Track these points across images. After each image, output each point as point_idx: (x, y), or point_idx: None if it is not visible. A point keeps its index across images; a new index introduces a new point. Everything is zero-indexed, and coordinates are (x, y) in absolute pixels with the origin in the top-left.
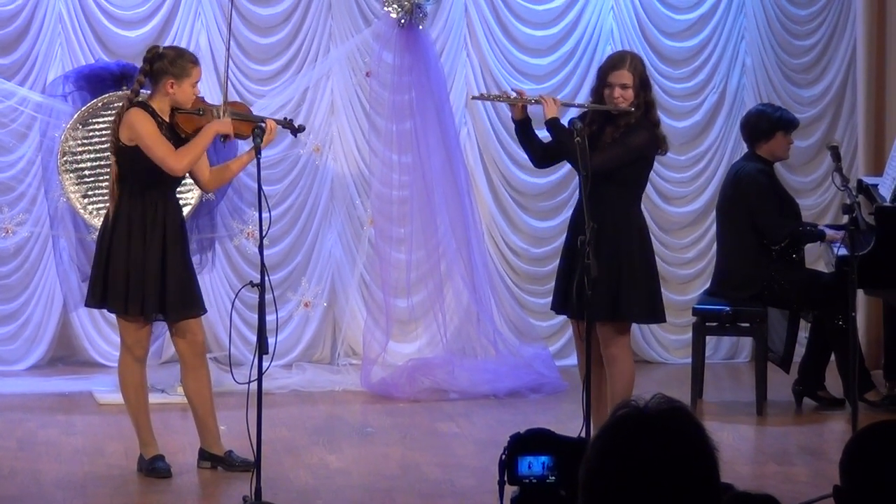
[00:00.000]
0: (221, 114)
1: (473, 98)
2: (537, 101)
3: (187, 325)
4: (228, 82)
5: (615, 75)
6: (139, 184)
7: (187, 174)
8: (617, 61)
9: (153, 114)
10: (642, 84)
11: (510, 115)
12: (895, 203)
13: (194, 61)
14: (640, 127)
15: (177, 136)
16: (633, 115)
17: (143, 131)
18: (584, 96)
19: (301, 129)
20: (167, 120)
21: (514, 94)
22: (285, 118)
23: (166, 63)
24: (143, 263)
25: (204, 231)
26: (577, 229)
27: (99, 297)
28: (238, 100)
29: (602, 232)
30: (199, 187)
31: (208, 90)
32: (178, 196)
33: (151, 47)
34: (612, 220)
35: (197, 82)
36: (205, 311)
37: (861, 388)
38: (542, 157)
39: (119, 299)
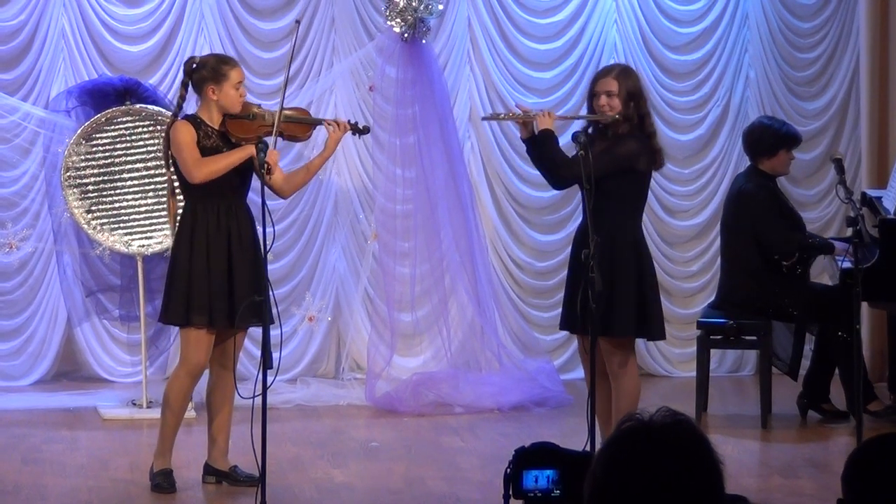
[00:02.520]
0: (276, 118)
1: (484, 118)
2: (534, 117)
3: (233, 338)
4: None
5: (601, 83)
6: (200, 193)
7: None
8: (604, 70)
9: (202, 124)
10: (630, 94)
11: (518, 133)
12: None
13: (231, 63)
14: (628, 137)
15: (229, 143)
16: (620, 124)
17: (176, 139)
18: (586, 110)
19: (366, 130)
20: (217, 128)
21: (519, 112)
22: (349, 120)
23: (204, 72)
24: (208, 271)
25: None
26: (577, 244)
27: (164, 312)
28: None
29: (602, 248)
30: (275, 193)
31: None
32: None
33: (189, 59)
34: (608, 235)
35: (240, 83)
36: (272, 321)
37: (864, 399)
38: (559, 176)
39: (180, 310)
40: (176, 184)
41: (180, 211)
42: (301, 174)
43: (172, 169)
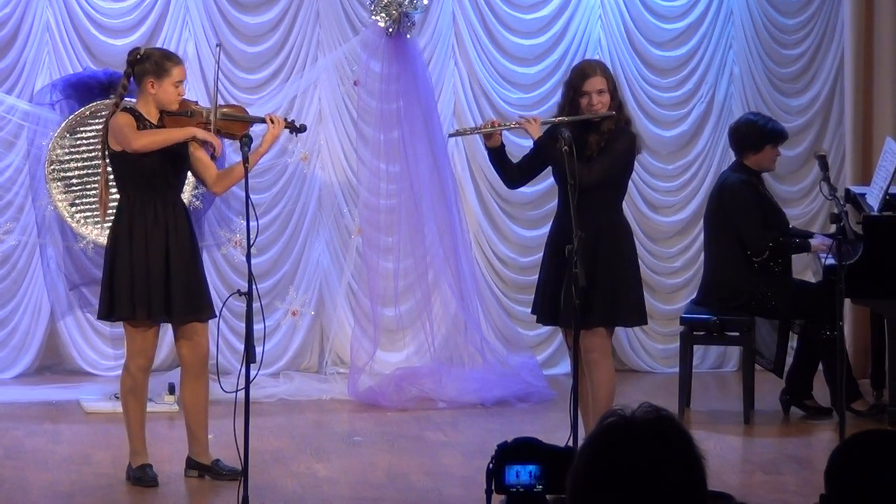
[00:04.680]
0: (213, 116)
1: (450, 135)
2: (517, 125)
3: (193, 330)
4: (217, 91)
5: (590, 83)
6: (137, 188)
7: (191, 175)
8: (587, 70)
9: (140, 117)
10: (614, 86)
11: (483, 144)
12: (883, 213)
13: (175, 61)
14: (620, 131)
15: None
16: (615, 118)
17: (116, 123)
18: (557, 109)
19: (302, 128)
20: (155, 123)
21: (489, 125)
22: (286, 118)
23: (147, 64)
24: (147, 266)
25: None
26: (559, 239)
27: (107, 308)
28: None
29: (588, 239)
30: (207, 189)
31: (197, 98)
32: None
33: (133, 50)
34: (598, 226)
35: (180, 82)
36: (213, 315)
37: (848, 397)
38: (517, 178)
39: (125, 304)
40: (111, 177)
41: (113, 205)
42: (236, 171)
43: (108, 161)
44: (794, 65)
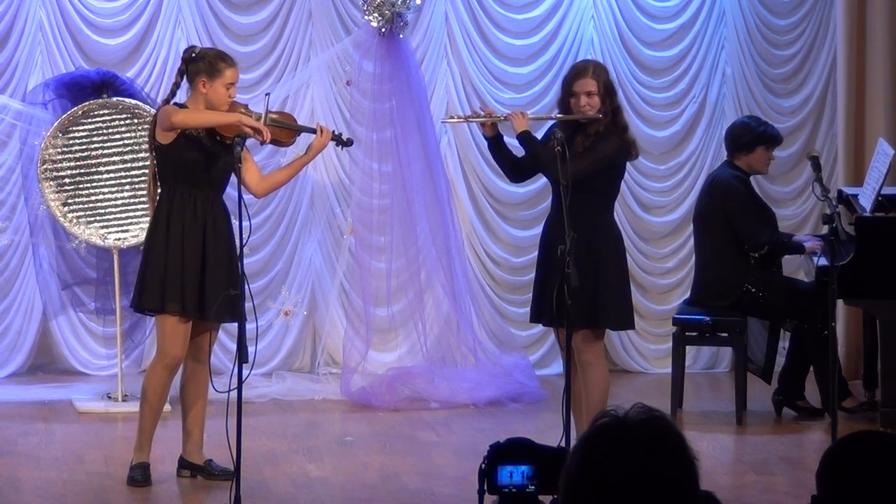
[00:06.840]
0: (263, 121)
1: (443, 122)
2: (506, 118)
3: (208, 329)
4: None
5: (579, 84)
6: (178, 183)
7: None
8: (580, 70)
9: None
10: (607, 91)
11: (481, 132)
12: (875, 213)
13: (229, 62)
14: (609, 134)
15: (214, 140)
16: (602, 122)
17: (166, 110)
18: (558, 110)
19: (349, 142)
20: None
21: (482, 113)
22: (334, 131)
23: (201, 64)
24: (182, 261)
25: None
26: (551, 239)
27: (137, 298)
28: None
29: (577, 240)
30: (250, 192)
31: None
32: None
33: (189, 48)
34: (586, 228)
35: (232, 84)
36: (244, 317)
37: (838, 397)
38: (518, 172)
39: (155, 297)
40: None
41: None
42: (279, 175)
43: (154, 155)
44: (786, 65)
